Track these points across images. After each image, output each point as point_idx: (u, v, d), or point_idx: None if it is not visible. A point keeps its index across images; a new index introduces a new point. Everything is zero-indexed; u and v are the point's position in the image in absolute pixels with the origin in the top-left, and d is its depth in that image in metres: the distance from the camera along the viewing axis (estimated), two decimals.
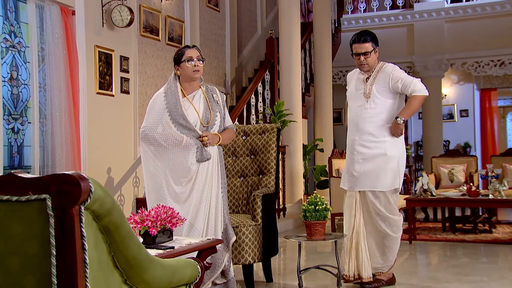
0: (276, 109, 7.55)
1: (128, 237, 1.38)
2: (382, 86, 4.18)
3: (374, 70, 4.26)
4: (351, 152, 4.27)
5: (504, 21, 10.53)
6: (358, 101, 4.23)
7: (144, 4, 7.47)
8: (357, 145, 4.21)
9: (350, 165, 4.26)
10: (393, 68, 4.24)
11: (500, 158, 8.47)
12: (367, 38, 4.21)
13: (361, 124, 4.20)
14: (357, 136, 4.22)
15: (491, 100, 12.87)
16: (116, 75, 6.91)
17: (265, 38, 10.83)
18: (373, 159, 4.16)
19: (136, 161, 7.31)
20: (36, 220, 1.24)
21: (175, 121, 3.64)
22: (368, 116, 4.17)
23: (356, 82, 4.32)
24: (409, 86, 4.14)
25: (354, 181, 4.22)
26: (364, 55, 4.18)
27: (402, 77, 4.17)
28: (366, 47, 4.18)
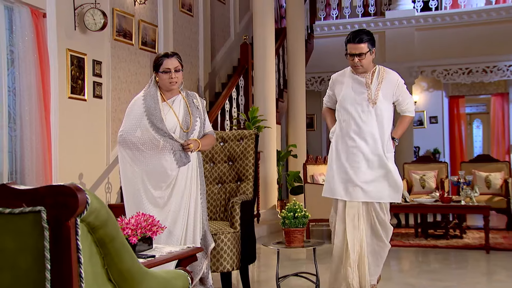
0: (251, 114, 7.54)
1: (123, 249, 1.34)
2: (387, 92, 3.97)
3: (374, 73, 4.01)
4: (353, 160, 3.98)
5: (472, 30, 10.75)
6: (361, 106, 3.97)
7: (117, 7, 7.38)
8: (361, 152, 3.96)
9: (350, 174, 3.96)
10: (398, 77, 4.07)
11: (469, 164, 8.62)
12: (363, 38, 3.93)
13: (367, 130, 3.95)
14: (361, 143, 3.96)
15: (459, 107, 13.10)
16: (88, 79, 6.80)
17: (238, 43, 10.83)
18: (380, 168, 3.96)
19: (108, 166, 7.21)
20: (30, 233, 1.19)
21: (153, 125, 3.60)
22: (375, 122, 3.95)
23: (353, 84, 4.02)
24: (405, 103, 4.06)
25: (358, 191, 3.96)
26: (359, 57, 3.90)
27: (404, 91, 4.05)
28: (361, 48, 3.90)
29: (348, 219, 3.97)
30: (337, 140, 4.09)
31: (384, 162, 3.95)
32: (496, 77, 11.02)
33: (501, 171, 8.28)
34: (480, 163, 8.45)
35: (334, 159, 4.09)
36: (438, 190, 7.36)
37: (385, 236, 4.04)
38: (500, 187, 8.18)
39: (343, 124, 4.05)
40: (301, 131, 9.35)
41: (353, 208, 3.98)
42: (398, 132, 4.10)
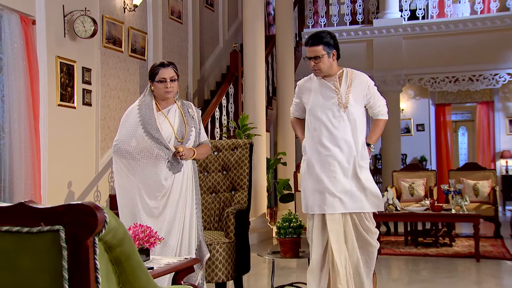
0: (241, 122, 7.53)
1: (138, 268, 1.32)
2: (358, 95, 3.77)
3: (341, 76, 3.79)
4: (328, 169, 3.70)
5: (458, 39, 10.85)
6: (331, 111, 3.73)
7: (107, 14, 7.34)
8: (336, 160, 3.69)
9: (327, 185, 3.69)
10: (368, 78, 3.86)
11: (458, 172, 8.68)
12: (318, 40, 3.70)
13: (340, 137, 3.71)
14: (336, 151, 3.69)
15: (446, 115, 13.21)
16: (78, 86, 6.75)
17: (227, 51, 10.83)
18: (357, 176, 3.71)
19: (97, 174, 7.15)
20: (48, 252, 1.17)
21: (149, 135, 3.58)
22: (348, 128, 3.72)
23: (321, 89, 3.78)
24: (377, 105, 3.85)
25: (337, 203, 3.68)
26: (315, 60, 3.69)
27: (375, 93, 3.85)
28: (316, 50, 3.68)
29: (332, 235, 3.68)
30: (309, 151, 3.82)
31: (358, 171, 3.72)
32: (482, 85, 11.13)
33: (489, 179, 8.35)
34: (468, 171, 8.52)
35: (307, 172, 3.82)
36: (427, 198, 7.39)
37: (373, 239, 3.81)
38: (488, 195, 8.24)
39: (314, 133, 3.80)
40: (290, 138, 9.35)
41: (335, 222, 3.70)
42: (373, 138, 3.88)
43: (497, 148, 12.89)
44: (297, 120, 4.10)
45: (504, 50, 10.70)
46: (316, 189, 3.74)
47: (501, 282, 5.63)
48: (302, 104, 3.95)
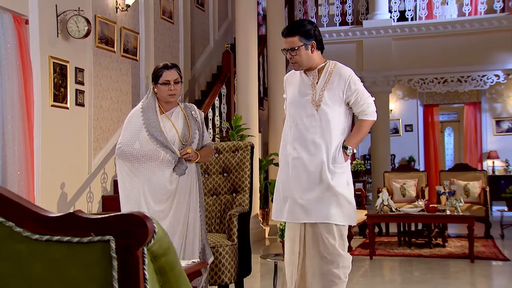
0: (234, 123, 7.52)
1: (181, 278, 1.31)
2: (335, 92, 3.35)
3: (322, 70, 3.41)
4: (295, 174, 3.34)
5: (447, 41, 10.94)
6: (304, 110, 3.36)
7: (100, 14, 7.28)
8: (302, 164, 3.33)
9: (292, 191, 3.35)
10: (350, 73, 3.41)
11: (448, 173, 8.76)
12: (293, 30, 3.35)
13: (309, 138, 3.32)
14: (303, 154, 3.32)
15: (434, 116, 13.32)
16: (71, 87, 6.68)
17: (217, 51, 10.81)
18: (326, 183, 3.30)
19: (90, 175, 7.09)
20: (97, 262, 1.15)
21: (153, 137, 3.55)
22: (319, 129, 3.32)
23: (300, 85, 3.43)
24: (362, 104, 3.39)
25: (300, 211, 3.32)
26: (291, 52, 3.34)
27: (358, 90, 3.38)
28: (292, 41, 3.33)
29: (287, 242, 3.40)
30: (281, 152, 3.50)
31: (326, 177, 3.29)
32: (470, 86, 11.24)
33: (479, 179, 8.43)
34: (458, 172, 8.59)
35: (278, 174, 3.52)
36: (420, 199, 7.45)
37: (337, 268, 3.28)
38: (478, 196, 8.33)
39: (287, 132, 3.47)
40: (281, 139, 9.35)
41: (292, 230, 3.39)
42: (352, 140, 3.40)
43: (484, 149, 13.03)
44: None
45: (491, 51, 10.82)
46: (281, 194, 3.44)
47: (496, 283, 5.69)
48: None
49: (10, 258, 1.15)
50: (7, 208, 1.11)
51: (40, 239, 1.13)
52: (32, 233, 1.13)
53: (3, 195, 1.11)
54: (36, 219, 1.12)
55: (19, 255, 1.14)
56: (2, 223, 1.11)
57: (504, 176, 12.60)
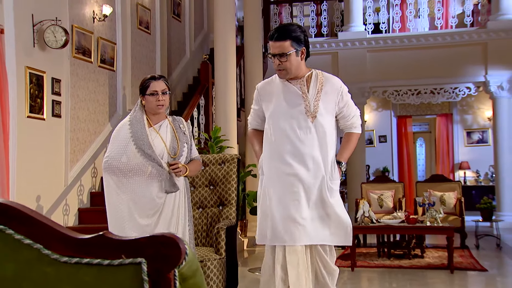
0: (213, 134, 7.47)
1: None
2: (329, 103, 3.15)
3: (310, 79, 3.18)
4: (291, 191, 3.07)
5: (420, 53, 11.11)
6: (297, 121, 3.10)
7: (77, 24, 7.18)
8: (300, 181, 3.06)
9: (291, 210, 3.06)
10: (341, 83, 3.25)
11: (424, 184, 8.85)
12: (285, 34, 3.08)
13: (306, 152, 3.07)
14: (301, 170, 3.05)
15: (407, 127, 13.49)
16: (47, 98, 6.56)
17: (193, 61, 10.77)
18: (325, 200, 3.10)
19: (66, 187, 6.95)
20: (129, 285, 1.12)
21: (141, 151, 3.50)
22: (316, 142, 3.09)
23: (286, 95, 3.15)
24: (351, 116, 3.26)
25: (301, 232, 3.04)
26: (280, 58, 3.08)
27: (349, 102, 3.24)
28: (282, 46, 3.07)
29: (290, 268, 3.05)
30: (268, 168, 3.17)
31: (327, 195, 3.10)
32: (443, 98, 11.42)
33: (454, 190, 8.54)
34: (434, 183, 8.69)
35: (266, 194, 3.16)
36: (397, 210, 7.50)
37: (331, 282, 3.23)
38: (454, 206, 8.43)
39: (274, 146, 3.15)
40: None
41: (296, 253, 3.06)
42: (345, 155, 3.26)
43: (456, 160, 13.25)
44: (255, 132, 3.46)
45: (463, 64, 11.02)
46: (276, 216, 3.09)
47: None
48: (262, 111, 3.32)
49: (38, 282, 1.10)
50: (35, 229, 1.06)
51: (69, 262, 1.08)
52: (60, 256, 1.08)
53: (30, 216, 1.06)
54: (64, 241, 1.08)
55: (47, 278, 1.10)
56: (30, 245, 1.07)
57: (475, 187, 12.82)
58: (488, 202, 8.43)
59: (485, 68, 10.93)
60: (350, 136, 3.30)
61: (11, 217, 1.05)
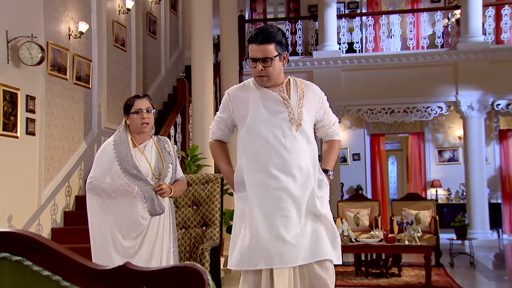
0: (191, 153, 7.41)
1: None
2: (311, 110, 2.95)
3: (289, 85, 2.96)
4: (279, 206, 2.78)
5: (393, 73, 11.28)
6: (280, 129, 2.84)
7: (52, 41, 7.07)
8: (289, 195, 2.78)
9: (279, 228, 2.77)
10: (320, 90, 3.08)
11: (400, 202, 8.92)
12: (269, 37, 2.83)
13: (294, 163, 2.80)
14: (289, 183, 2.78)
15: (380, 145, 13.62)
16: (21, 115, 6.43)
17: (169, 79, 10.73)
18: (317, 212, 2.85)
19: (39, 207, 6.79)
20: None
21: (125, 171, 3.43)
22: (302, 152, 2.84)
23: (265, 102, 2.89)
24: (332, 123, 3.08)
25: (290, 252, 2.75)
26: (263, 62, 2.82)
27: (328, 110, 3.09)
28: (266, 50, 2.82)
29: None
30: (251, 182, 2.85)
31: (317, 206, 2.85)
32: (416, 117, 11.58)
33: (429, 209, 8.63)
34: (409, 201, 8.77)
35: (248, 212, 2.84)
36: (374, 229, 7.54)
37: None
38: (429, 225, 8.51)
39: (256, 158, 2.85)
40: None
41: (285, 277, 2.78)
42: (331, 162, 3.06)
43: (428, 178, 13.41)
44: (218, 143, 3.17)
45: (434, 84, 11.22)
46: (262, 236, 2.78)
47: None
48: (231, 120, 3.03)
49: None
50: (53, 260, 1.01)
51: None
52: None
53: (49, 246, 1.01)
54: (85, 273, 1.04)
55: None
56: (49, 277, 1.02)
57: (447, 204, 12.98)
58: (462, 221, 8.54)
59: (456, 88, 11.15)
60: (333, 143, 3.13)
61: (29, 248, 1.00)
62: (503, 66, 11.02)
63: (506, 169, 12.86)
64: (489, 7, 11.40)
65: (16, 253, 1.01)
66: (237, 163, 2.99)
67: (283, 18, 13.35)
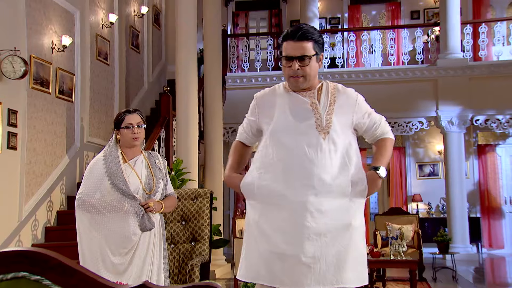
0: (175, 167, 7.37)
1: None
2: (344, 116, 2.68)
3: (321, 90, 2.71)
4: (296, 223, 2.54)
5: (376, 88, 11.34)
6: (306, 137, 2.60)
7: (35, 55, 7.00)
8: (308, 211, 2.52)
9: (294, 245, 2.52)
10: (356, 92, 2.79)
11: (383, 217, 8.94)
12: (308, 34, 2.62)
13: (317, 175, 2.54)
14: (309, 196, 2.52)
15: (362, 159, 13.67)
16: (2, 129, 6.34)
17: (151, 93, 10.69)
18: (335, 233, 2.54)
19: (20, 223, 6.67)
20: None
21: (115, 187, 3.39)
22: (328, 163, 2.56)
23: (292, 107, 2.67)
24: (378, 124, 2.78)
25: (305, 273, 2.50)
26: (301, 61, 2.59)
27: (369, 111, 2.77)
28: (304, 48, 2.61)
29: None
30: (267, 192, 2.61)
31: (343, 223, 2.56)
32: (397, 132, 11.66)
33: (412, 223, 8.67)
34: (392, 216, 8.79)
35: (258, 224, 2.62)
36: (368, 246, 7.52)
37: None
38: (412, 239, 8.55)
39: (276, 167, 2.62)
40: (219, 183, 9.26)
41: None
42: (384, 160, 2.72)
43: (409, 192, 13.50)
44: (238, 145, 2.93)
45: (415, 99, 11.34)
46: (273, 251, 2.55)
47: None
48: (257, 124, 2.80)
49: None
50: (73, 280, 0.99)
51: None
52: None
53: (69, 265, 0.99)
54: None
55: None
56: None
57: (428, 219, 13.06)
58: (444, 235, 8.60)
59: (436, 104, 11.28)
60: (385, 141, 2.78)
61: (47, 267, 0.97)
62: (481, 82, 11.20)
63: (485, 183, 13.01)
64: (467, 24, 11.60)
65: (35, 272, 0.98)
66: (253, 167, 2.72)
67: (266, 33, 13.42)
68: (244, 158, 2.93)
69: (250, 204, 2.70)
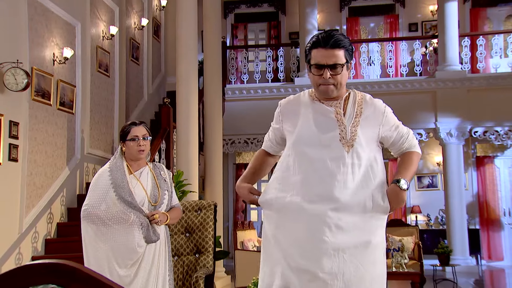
0: (176, 179, 7.36)
1: None
2: (370, 130, 2.58)
3: (348, 100, 2.61)
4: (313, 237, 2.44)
5: None
6: (329, 150, 2.51)
7: (37, 67, 7.01)
8: (327, 225, 2.42)
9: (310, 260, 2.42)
10: (384, 104, 2.68)
11: None
12: (339, 42, 2.52)
13: (338, 190, 2.45)
14: (327, 211, 2.42)
15: None
16: (4, 141, 6.32)
17: (151, 104, 10.70)
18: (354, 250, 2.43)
19: (20, 235, 6.65)
20: None
21: (121, 198, 3.39)
22: (349, 178, 2.47)
23: (316, 117, 2.56)
24: (406, 137, 2.67)
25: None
26: (332, 70, 2.49)
27: (397, 123, 2.67)
28: (337, 56, 2.50)
29: None
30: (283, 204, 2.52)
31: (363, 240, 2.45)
32: None
33: (412, 235, 8.68)
34: (393, 228, 8.80)
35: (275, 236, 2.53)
36: None
37: None
38: (412, 251, 8.54)
39: (296, 179, 2.52)
40: (218, 194, 9.25)
41: None
42: (409, 173, 2.61)
43: (408, 204, 13.49)
44: (262, 153, 2.85)
45: (414, 111, 11.38)
46: (291, 265, 2.46)
47: None
48: (281, 133, 2.71)
49: None
50: None
51: None
52: None
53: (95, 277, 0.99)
54: None
55: None
56: None
57: (427, 230, 13.04)
58: (445, 247, 8.59)
59: (435, 116, 11.33)
60: (411, 155, 2.67)
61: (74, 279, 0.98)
62: (480, 94, 11.26)
63: (483, 195, 13.02)
64: (465, 37, 11.68)
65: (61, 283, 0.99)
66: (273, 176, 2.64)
67: (265, 45, 13.46)
68: (264, 167, 2.83)
69: (266, 214, 2.62)
